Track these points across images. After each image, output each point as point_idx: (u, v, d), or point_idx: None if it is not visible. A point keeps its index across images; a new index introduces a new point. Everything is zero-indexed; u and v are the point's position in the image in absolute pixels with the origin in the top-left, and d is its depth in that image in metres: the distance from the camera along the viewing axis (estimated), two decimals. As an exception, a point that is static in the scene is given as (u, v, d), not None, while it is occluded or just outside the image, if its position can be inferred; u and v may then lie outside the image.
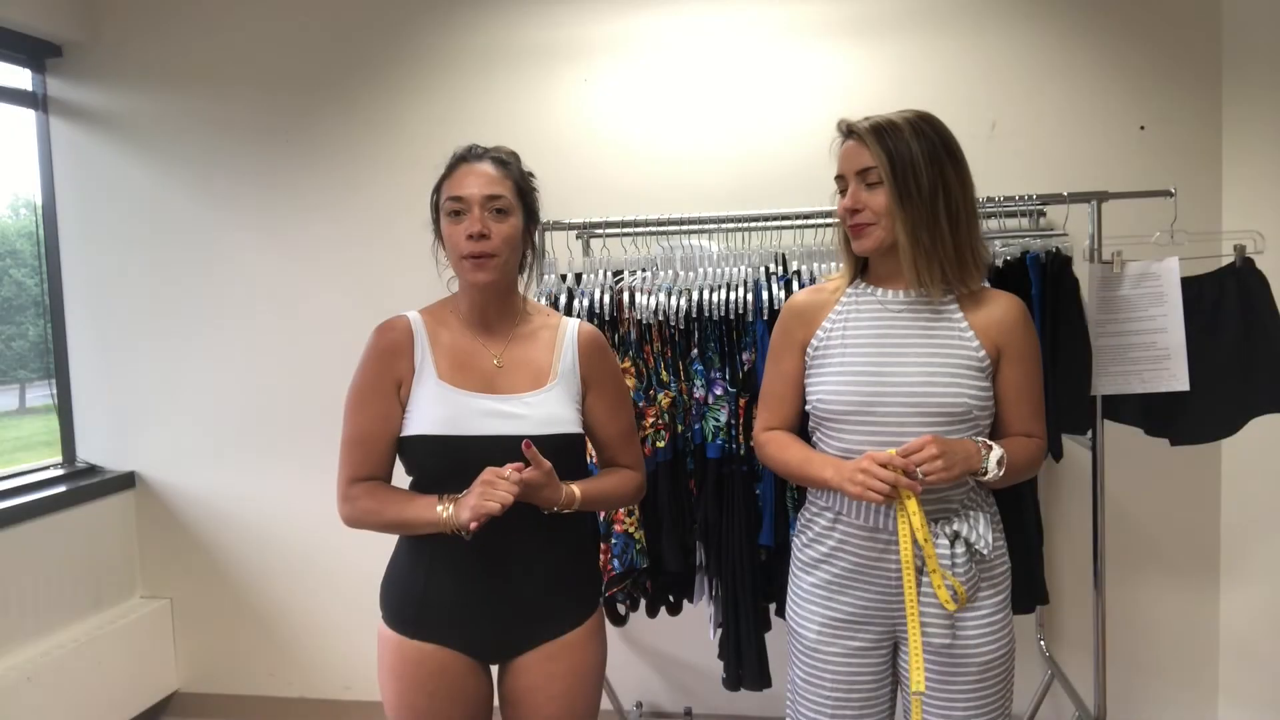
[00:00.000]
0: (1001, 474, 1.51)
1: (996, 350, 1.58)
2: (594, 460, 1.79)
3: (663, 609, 2.36)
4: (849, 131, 1.58)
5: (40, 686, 2.64)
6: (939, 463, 1.43)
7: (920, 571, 1.52)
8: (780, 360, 1.69)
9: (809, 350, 1.65)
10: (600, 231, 2.48)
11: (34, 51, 3.01)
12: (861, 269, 1.67)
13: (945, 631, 1.52)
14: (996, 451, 1.51)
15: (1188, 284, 2.16)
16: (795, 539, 1.71)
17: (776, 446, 1.67)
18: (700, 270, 2.31)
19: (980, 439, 1.54)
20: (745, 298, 2.20)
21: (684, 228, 2.37)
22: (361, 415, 1.54)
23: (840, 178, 1.60)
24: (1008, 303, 1.61)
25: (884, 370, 1.55)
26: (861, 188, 1.54)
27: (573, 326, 1.64)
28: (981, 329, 1.57)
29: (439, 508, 1.46)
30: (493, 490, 1.39)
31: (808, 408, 1.65)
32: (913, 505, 1.47)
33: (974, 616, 1.56)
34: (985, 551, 1.54)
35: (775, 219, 2.36)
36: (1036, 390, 1.61)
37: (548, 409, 1.54)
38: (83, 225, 3.11)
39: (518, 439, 1.49)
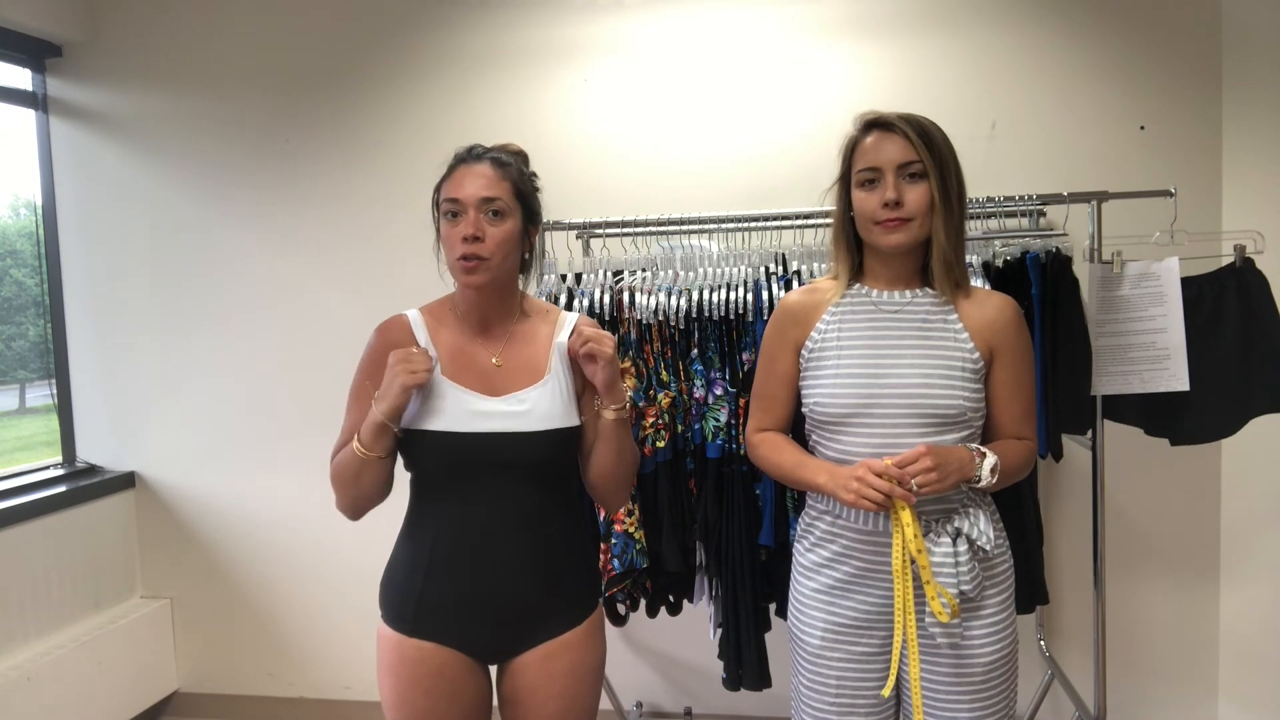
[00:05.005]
0: (995, 481, 1.51)
1: (990, 350, 1.57)
2: None
3: (663, 609, 2.36)
4: (883, 124, 1.54)
5: (40, 686, 2.64)
6: (933, 474, 1.43)
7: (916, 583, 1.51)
8: (775, 361, 1.68)
9: (804, 351, 1.64)
10: (600, 231, 2.48)
11: (34, 51, 3.01)
12: (855, 270, 1.66)
13: (951, 629, 1.50)
14: (990, 459, 1.51)
15: (1188, 284, 2.16)
16: (797, 544, 1.70)
17: (770, 448, 1.67)
18: (700, 270, 2.31)
19: (974, 446, 1.53)
20: (745, 298, 2.20)
21: (684, 228, 2.37)
22: (361, 413, 1.54)
23: (869, 170, 1.53)
24: (1001, 302, 1.60)
25: (880, 373, 1.55)
26: (903, 182, 1.52)
27: (570, 320, 1.64)
28: (976, 330, 1.57)
29: (373, 404, 1.49)
30: (406, 365, 1.45)
31: (805, 410, 1.65)
32: (907, 516, 1.47)
33: (978, 617, 1.55)
34: (988, 548, 1.53)
35: (775, 219, 2.36)
36: (1028, 391, 1.61)
37: (546, 405, 1.55)
38: (83, 225, 3.12)
39: (518, 436, 1.51)
